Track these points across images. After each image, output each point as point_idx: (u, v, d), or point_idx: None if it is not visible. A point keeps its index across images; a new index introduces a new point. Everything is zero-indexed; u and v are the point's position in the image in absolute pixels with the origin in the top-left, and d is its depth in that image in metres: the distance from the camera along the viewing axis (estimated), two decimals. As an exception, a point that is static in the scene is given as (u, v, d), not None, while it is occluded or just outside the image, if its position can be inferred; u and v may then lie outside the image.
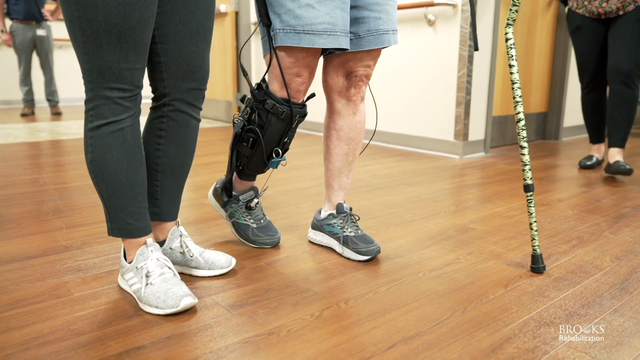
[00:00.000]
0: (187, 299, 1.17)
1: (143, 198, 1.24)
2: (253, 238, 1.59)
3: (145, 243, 1.26)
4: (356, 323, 1.15)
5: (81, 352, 1.02)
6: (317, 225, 1.64)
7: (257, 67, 4.84)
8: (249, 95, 1.48)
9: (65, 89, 7.19)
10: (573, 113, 4.23)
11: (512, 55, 1.45)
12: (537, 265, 1.44)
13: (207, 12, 1.26)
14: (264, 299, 1.27)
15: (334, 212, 1.59)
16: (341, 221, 1.57)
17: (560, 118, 4.10)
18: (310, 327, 1.13)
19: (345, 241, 1.53)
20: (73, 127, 4.55)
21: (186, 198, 2.20)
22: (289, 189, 2.37)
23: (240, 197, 1.59)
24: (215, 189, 1.66)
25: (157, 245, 1.27)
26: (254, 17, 4.76)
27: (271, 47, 1.36)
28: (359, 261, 1.50)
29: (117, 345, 1.05)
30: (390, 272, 1.43)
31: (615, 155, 2.64)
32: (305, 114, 1.45)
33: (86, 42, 1.09)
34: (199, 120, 1.35)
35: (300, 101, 1.44)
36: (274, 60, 1.37)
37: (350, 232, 1.54)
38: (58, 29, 6.87)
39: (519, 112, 1.44)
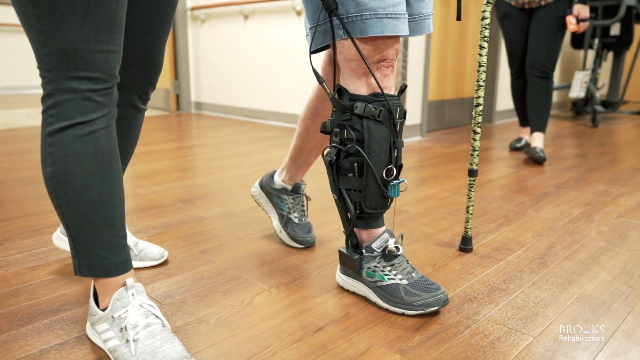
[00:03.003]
0: None
1: (121, 224, 0.98)
2: (410, 299, 1.13)
3: (124, 284, 0.98)
4: (286, 308, 1.16)
5: (-3, 351, 0.98)
6: (267, 191, 1.58)
7: (196, 60, 4.73)
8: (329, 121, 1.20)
9: (-10, 77, 6.77)
10: (505, 97, 4.40)
11: (485, 37, 1.37)
12: (466, 247, 1.49)
13: (174, 4, 1.13)
14: (195, 287, 1.25)
15: (289, 187, 1.55)
16: (292, 201, 1.54)
17: (493, 102, 4.25)
18: (240, 314, 1.13)
19: (286, 223, 1.53)
20: (-2, 118, 4.30)
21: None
22: (225, 177, 2.35)
23: (373, 246, 1.20)
24: (341, 256, 1.25)
25: (141, 287, 1.00)
26: (190, 1, 4.63)
27: (347, 36, 1.08)
28: (292, 247, 1.51)
29: (38, 342, 1.01)
30: (322, 256, 1.45)
31: (537, 139, 2.78)
32: (405, 111, 1.15)
33: (41, 17, 0.83)
34: (145, 110, 1.24)
35: (392, 92, 1.16)
36: (349, 51, 1.09)
37: (294, 216, 1.53)
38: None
39: (479, 97, 1.42)
